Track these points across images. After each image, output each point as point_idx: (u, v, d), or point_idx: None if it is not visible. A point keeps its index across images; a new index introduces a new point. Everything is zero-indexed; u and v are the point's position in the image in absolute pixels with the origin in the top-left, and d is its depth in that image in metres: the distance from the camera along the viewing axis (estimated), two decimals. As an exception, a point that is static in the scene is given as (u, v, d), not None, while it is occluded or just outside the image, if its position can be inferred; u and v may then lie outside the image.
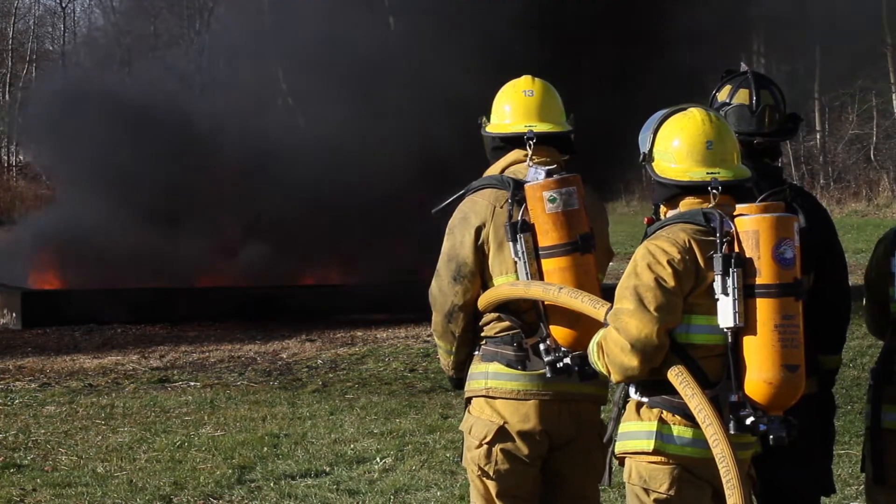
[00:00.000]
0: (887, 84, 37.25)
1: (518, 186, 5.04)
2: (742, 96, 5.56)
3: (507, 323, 5.09)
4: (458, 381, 5.32)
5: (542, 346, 5.00)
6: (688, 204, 4.57)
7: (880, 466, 5.09)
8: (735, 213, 4.46)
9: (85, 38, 47.92)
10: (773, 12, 21.87)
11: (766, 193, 4.78)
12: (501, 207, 5.07)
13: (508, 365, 5.08)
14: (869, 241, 22.70)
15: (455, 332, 5.18)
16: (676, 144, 4.60)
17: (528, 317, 5.05)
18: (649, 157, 4.67)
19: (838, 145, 37.84)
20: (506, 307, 5.07)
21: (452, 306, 5.14)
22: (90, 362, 13.81)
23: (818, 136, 37.58)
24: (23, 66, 44.35)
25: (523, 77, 5.33)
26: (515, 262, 5.01)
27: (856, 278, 11.20)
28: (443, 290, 5.16)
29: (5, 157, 42.05)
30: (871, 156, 37.25)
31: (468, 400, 5.21)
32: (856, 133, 38.31)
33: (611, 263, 5.41)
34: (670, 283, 4.41)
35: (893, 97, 37.41)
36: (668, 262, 4.43)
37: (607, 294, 4.75)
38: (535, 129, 5.17)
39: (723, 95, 5.62)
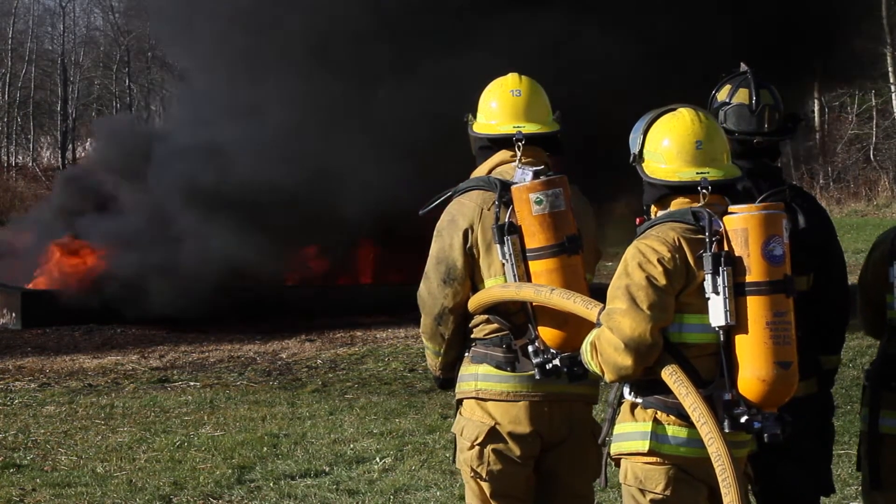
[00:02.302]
0: (887, 84, 37.24)
1: (505, 188, 5.02)
2: (742, 96, 5.56)
3: (496, 325, 5.07)
4: (445, 382, 5.32)
5: (530, 348, 4.99)
6: (678, 204, 4.57)
7: (877, 471, 5.09)
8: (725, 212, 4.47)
9: (84, 38, 47.89)
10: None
11: (766, 193, 4.77)
12: (489, 209, 5.05)
13: (498, 367, 5.07)
14: (868, 241, 22.60)
15: (444, 335, 5.17)
16: (666, 145, 4.61)
17: (516, 318, 5.04)
18: (639, 157, 4.67)
19: (838, 145, 37.83)
20: (494, 309, 5.05)
21: (442, 309, 5.12)
22: (90, 362, 13.81)
23: (818, 136, 37.56)
24: (22, 65, 44.32)
25: (510, 75, 5.29)
26: (503, 265, 5.01)
27: (855, 278, 11.19)
28: (432, 293, 5.14)
29: (5, 158, 42.02)
30: (871, 156, 37.25)
31: (459, 402, 5.21)
32: (855, 133, 38.31)
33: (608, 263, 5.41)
34: (662, 281, 4.43)
35: (893, 97, 37.40)
36: (659, 260, 4.44)
37: (598, 294, 4.75)
38: (524, 131, 5.14)
39: (722, 95, 5.62)
